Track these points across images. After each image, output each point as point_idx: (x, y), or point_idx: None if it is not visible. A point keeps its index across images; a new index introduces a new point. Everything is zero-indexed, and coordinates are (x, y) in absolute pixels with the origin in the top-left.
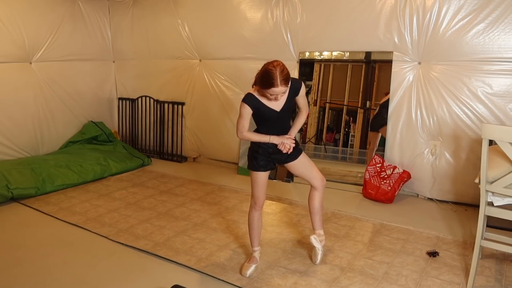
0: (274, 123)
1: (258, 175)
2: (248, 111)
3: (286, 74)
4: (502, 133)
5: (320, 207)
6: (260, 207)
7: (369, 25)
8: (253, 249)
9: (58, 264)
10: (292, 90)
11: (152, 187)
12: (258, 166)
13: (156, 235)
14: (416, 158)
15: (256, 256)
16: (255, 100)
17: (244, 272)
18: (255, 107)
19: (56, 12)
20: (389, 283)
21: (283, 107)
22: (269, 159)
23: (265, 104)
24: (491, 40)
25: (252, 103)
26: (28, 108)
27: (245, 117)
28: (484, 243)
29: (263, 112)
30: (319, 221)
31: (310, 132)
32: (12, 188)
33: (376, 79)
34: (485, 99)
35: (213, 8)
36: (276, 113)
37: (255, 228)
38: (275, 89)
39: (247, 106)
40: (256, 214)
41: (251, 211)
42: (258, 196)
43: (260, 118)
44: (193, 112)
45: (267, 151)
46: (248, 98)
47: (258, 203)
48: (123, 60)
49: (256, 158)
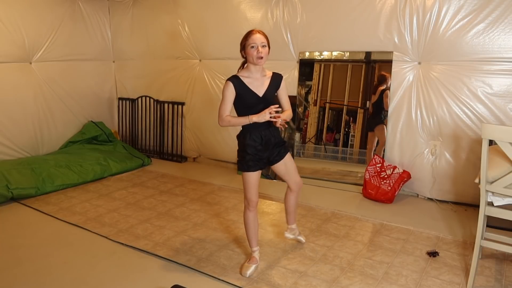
0: (255, 111)
1: (249, 175)
2: (231, 91)
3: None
4: (502, 133)
5: (296, 206)
6: (254, 208)
7: (369, 25)
8: (252, 249)
9: (58, 264)
10: (274, 81)
11: (152, 187)
12: (248, 166)
13: (156, 235)
14: (416, 158)
15: (255, 256)
16: (239, 81)
17: (244, 272)
18: (238, 87)
19: (56, 12)
20: (389, 283)
21: (265, 92)
22: (258, 158)
23: (249, 87)
24: (491, 40)
25: (236, 82)
26: (28, 108)
27: (228, 98)
28: (484, 243)
29: (246, 96)
30: (293, 218)
31: (310, 132)
32: (12, 188)
33: (376, 79)
34: (485, 99)
35: (213, 8)
36: (258, 98)
37: (251, 228)
38: (254, 36)
39: (231, 85)
40: (251, 215)
41: (246, 212)
42: (251, 197)
43: (242, 104)
44: (193, 112)
45: (256, 148)
46: (232, 77)
47: (251, 204)
48: (123, 60)
49: (245, 158)
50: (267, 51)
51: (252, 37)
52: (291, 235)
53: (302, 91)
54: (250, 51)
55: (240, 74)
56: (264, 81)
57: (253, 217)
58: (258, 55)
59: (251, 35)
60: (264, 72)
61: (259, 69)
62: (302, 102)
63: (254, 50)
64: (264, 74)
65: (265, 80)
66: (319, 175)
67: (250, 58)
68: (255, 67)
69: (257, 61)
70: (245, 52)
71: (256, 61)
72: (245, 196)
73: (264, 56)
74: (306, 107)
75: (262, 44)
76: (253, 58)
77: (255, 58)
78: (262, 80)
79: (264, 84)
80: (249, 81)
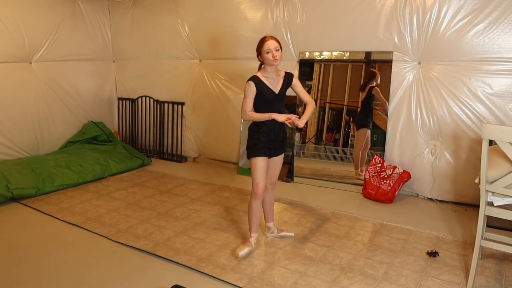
0: (272, 105)
1: (258, 161)
2: (253, 89)
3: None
4: (502, 133)
5: (271, 204)
6: (260, 196)
7: (369, 25)
8: (251, 234)
9: (58, 264)
10: (286, 79)
11: (152, 187)
12: (258, 151)
13: (156, 235)
14: (416, 158)
15: (252, 241)
16: (258, 80)
17: (237, 253)
18: (258, 86)
19: (56, 12)
20: (389, 283)
21: (280, 90)
22: (268, 147)
23: (266, 85)
24: (491, 40)
25: (256, 81)
26: (28, 108)
27: (250, 96)
28: (484, 243)
29: (264, 92)
30: (269, 216)
31: (310, 132)
32: (12, 188)
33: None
34: (485, 99)
35: (213, 8)
36: (275, 94)
37: (254, 216)
38: (267, 42)
39: (252, 84)
40: (255, 204)
41: (251, 200)
42: (259, 181)
43: (261, 99)
44: (193, 112)
45: (269, 137)
46: (253, 77)
47: (258, 190)
48: (123, 60)
49: (257, 145)
50: (281, 53)
51: (266, 44)
52: (270, 233)
53: None
54: (266, 56)
55: (259, 75)
56: (279, 80)
57: (257, 206)
58: (273, 58)
59: (265, 42)
60: (278, 72)
61: (275, 70)
62: (302, 102)
63: (270, 55)
64: (279, 74)
65: (280, 79)
66: (319, 175)
67: (266, 61)
68: (271, 68)
69: (274, 63)
70: (261, 56)
71: (274, 63)
72: (253, 181)
73: (278, 58)
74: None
75: (276, 48)
76: (269, 61)
77: (271, 62)
78: (277, 79)
79: (279, 83)
80: (267, 80)
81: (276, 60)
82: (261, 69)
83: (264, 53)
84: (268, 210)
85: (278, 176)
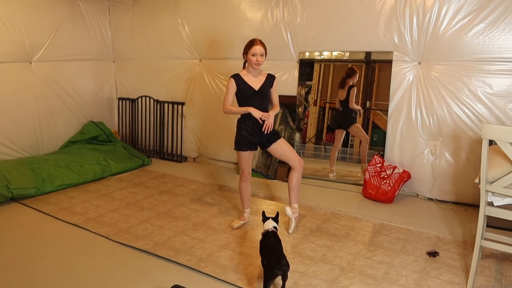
0: (251, 101)
1: (242, 153)
2: (233, 85)
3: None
4: (502, 133)
5: (297, 185)
6: (247, 179)
7: (369, 25)
8: (245, 210)
9: (58, 264)
10: (268, 80)
11: (152, 187)
12: (241, 146)
13: (156, 235)
14: (416, 158)
15: (245, 216)
16: (239, 77)
17: (232, 225)
18: (238, 83)
19: (56, 12)
20: (389, 283)
21: (260, 87)
22: (249, 141)
23: (247, 82)
24: (491, 40)
25: (237, 79)
26: (28, 108)
27: (231, 91)
28: (484, 243)
29: (244, 89)
30: (295, 196)
31: (310, 132)
32: (12, 188)
33: (376, 79)
34: (485, 99)
35: (213, 8)
36: (254, 90)
37: (244, 195)
38: (255, 47)
39: (233, 81)
40: (243, 185)
41: (240, 182)
42: (244, 168)
43: (241, 95)
44: (193, 112)
45: (247, 131)
46: (234, 75)
47: (244, 174)
48: (123, 60)
49: (239, 139)
50: (264, 59)
51: (254, 48)
52: (289, 212)
53: (302, 91)
54: (251, 58)
55: (241, 72)
56: (260, 78)
57: (245, 187)
58: (256, 62)
59: (254, 45)
60: (260, 72)
61: (257, 70)
62: (302, 102)
63: (254, 58)
64: (260, 73)
65: (261, 78)
66: (319, 175)
67: (250, 63)
68: (253, 68)
69: (255, 66)
70: (246, 56)
71: (255, 66)
72: (239, 168)
73: (261, 62)
74: (306, 107)
75: (261, 54)
76: (252, 64)
77: (253, 64)
78: (259, 77)
79: (260, 81)
80: (248, 78)
81: (258, 64)
82: (245, 68)
83: (250, 55)
84: (292, 189)
85: (296, 154)
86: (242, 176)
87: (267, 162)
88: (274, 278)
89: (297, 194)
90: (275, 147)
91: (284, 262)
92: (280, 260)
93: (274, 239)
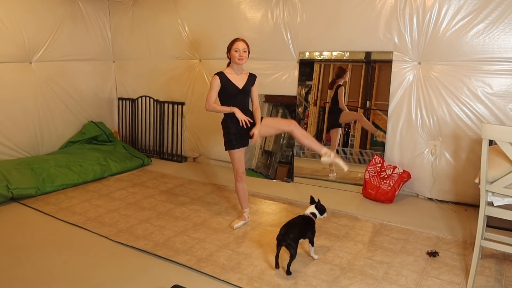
0: (235, 99)
1: (234, 152)
2: (217, 83)
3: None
4: (502, 133)
5: (307, 137)
6: (242, 179)
7: (369, 25)
8: (243, 210)
9: (58, 264)
10: (251, 78)
11: (152, 187)
12: (232, 145)
13: (156, 235)
14: (416, 158)
15: (245, 216)
16: (224, 75)
17: (232, 225)
18: (222, 80)
19: (56, 12)
20: (389, 283)
21: (244, 86)
22: (239, 137)
23: (231, 81)
24: (491, 40)
25: (221, 76)
26: (28, 108)
27: (214, 88)
28: (484, 243)
29: (228, 87)
30: (317, 145)
31: (310, 132)
32: (12, 188)
33: (376, 79)
34: (485, 99)
35: (213, 8)
36: (238, 89)
37: (241, 195)
38: (238, 43)
39: (217, 78)
40: (240, 185)
41: (236, 183)
42: (238, 167)
43: (225, 93)
44: (193, 112)
45: (236, 128)
46: (218, 72)
47: (239, 174)
48: (123, 60)
49: (230, 138)
50: (247, 55)
51: (236, 43)
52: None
53: (302, 91)
54: (234, 53)
55: (225, 70)
56: (242, 77)
57: (241, 187)
58: (239, 57)
59: (235, 42)
60: (242, 71)
61: (240, 68)
62: (302, 102)
63: (237, 53)
64: (242, 72)
65: (244, 77)
66: (319, 175)
67: (233, 58)
68: (237, 66)
69: (239, 61)
70: (230, 54)
71: (238, 61)
72: (233, 167)
73: (244, 58)
74: (306, 107)
75: (243, 50)
76: (235, 59)
77: (236, 59)
78: (242, 76)
79: (243, 79)
80: (232, 76)
81: (242, 59)
82: (228, 66)
83: (233, 50)
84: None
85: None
86: (237, 177)
87: (267, 162)
88: (278, 248)
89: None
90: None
91: (284, 232)
92: (285, 231)
93: (300, 219)
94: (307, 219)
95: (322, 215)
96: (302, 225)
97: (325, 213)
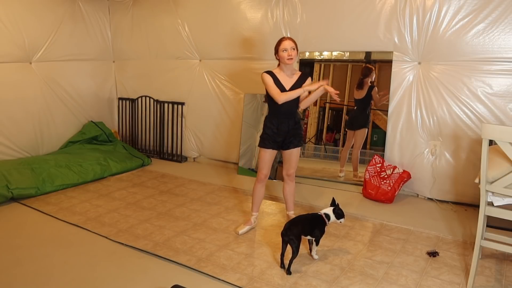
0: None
1: (264, 151)
2: (269, 77)
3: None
4: (502, 133)
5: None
6: (263, 180)
7: (369, 25)
8: (252, 213)
9: (58, 264)
10: (301, 78)
11: (152, 187)
12: (264, 144)
13: (156, 235)
14: (416, 158)
15: (252, 220)
16: (272, 73)
17: (237, 231)
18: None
19: (56, 12)
20: (389, 283)
21: (291, 87)
22: (273, 140)
23: (279, 80)
24: (491, 40)
25: (271, 74)
26: (28, 108)
27: (271, 82)
28: (484, 243)
29: (277, 86)
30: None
31: (310, 132)
32: (12, 188)
33: (376, 79)
34: (485, 99)
35: (213, 8)
36: (285, 90)
37: (256, 197)
38: (285, 42)
39: (267, 74)
40: (258, 186)
41: (255, 183)
42: (262, 168)
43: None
44: (193, 112)
45: (272, 130)
46: (267, 71)
47: (260, 175)
48: (123, 60)
49: (264, 137)
50: (296, 53)
51: (283, 43)
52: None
53: None
54: (282, 54)
55: (274, 70)
56: (292, 78)
57: (260, 188)
58: (288, 56)
59: (282, 41)
60: (293, 71)
61: (290, 68)
62: None
63: (286, 53)
64: (293, 73)
65: (293, 77)
66: (319, 175)
67: (282, 59)
68: (286, 66)
69: (288, 61)
70: (278, 55)
71: (287, 61)
72: (258, 167)
73: (293, 57)
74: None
75: (292, 48)
76: (285, 59)
77: (286, 59)
78: (292, 77)
79: (291, 80)
80: (280, 76)
81: (291, 59)
82: (278, 67)
83: (281, 51)
84: (287, 200)
85: (294, 168)
86: (258, 177)
87: None
88: (283, 246)
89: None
90: (292, 151)
91: (287, 227)
92: (288, 226)
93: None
94: (317, 217)
95: (338, 219)
96: (308, 222)
97: (342, 218)
